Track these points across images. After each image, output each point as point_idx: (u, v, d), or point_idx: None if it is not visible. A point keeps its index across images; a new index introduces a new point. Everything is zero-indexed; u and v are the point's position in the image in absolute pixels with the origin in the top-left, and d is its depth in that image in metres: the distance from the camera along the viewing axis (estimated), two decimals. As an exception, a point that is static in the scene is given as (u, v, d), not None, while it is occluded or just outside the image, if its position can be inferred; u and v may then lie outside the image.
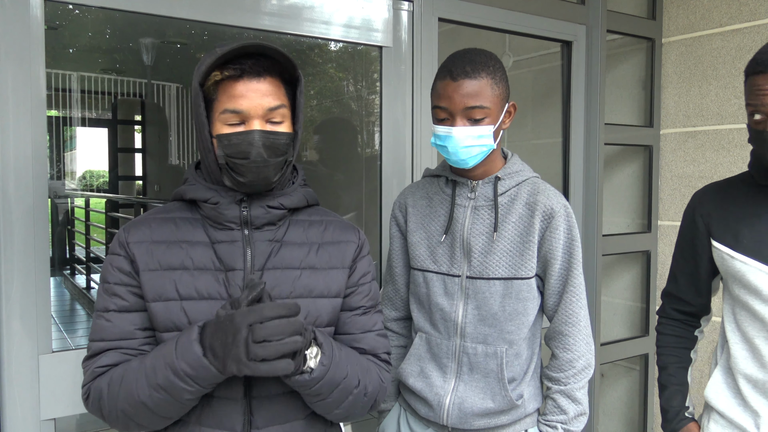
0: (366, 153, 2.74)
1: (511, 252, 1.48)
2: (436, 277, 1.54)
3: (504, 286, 1.48)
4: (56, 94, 7.86)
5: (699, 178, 2.67)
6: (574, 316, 1.51)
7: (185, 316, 1.20)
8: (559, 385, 1.52)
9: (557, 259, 1.49)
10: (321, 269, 1.29)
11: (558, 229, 1.48)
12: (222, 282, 1.22)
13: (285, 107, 1.23)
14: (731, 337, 1.51)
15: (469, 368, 1.51)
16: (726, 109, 2.58)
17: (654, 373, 2.85)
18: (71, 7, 1.82)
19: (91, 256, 7.26)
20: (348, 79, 3.31)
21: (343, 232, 1.35)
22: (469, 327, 1.50)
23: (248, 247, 1.24)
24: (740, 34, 2.53)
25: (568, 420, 1.52)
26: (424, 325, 1.57)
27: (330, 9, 1.97)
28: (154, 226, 1.26)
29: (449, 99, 1.41)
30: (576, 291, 1.51)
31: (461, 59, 1.43)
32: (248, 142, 1.18)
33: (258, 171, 1.19)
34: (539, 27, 2.43)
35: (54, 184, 8.46)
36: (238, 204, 1.24)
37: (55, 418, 1.59)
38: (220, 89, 1.20)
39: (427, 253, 1.56)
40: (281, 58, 1.20)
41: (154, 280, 1.21)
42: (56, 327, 5.81)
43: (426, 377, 1.55)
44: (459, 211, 1.53)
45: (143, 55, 6.40)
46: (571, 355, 1.52)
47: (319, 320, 1.28)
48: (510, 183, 1.52)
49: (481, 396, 1.50)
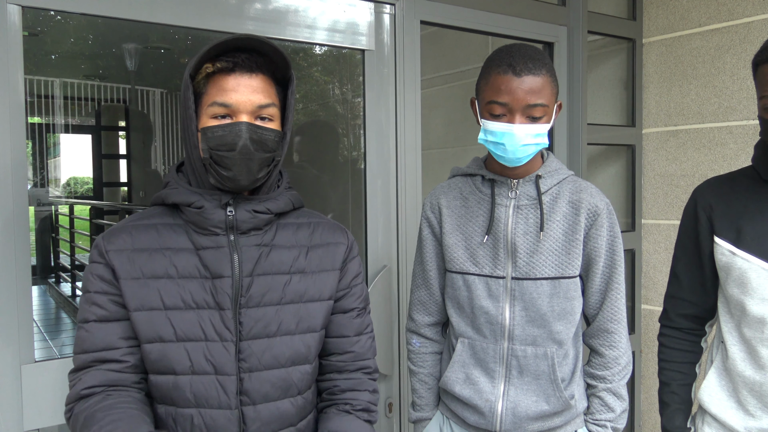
0: (351, 155, 2.74)
1: (557, 251, 1.45)
2: (478, 279, 1.48)
3: (551, 286, 1.45)
4: (39, 101, 7.77)
5: (681, 177, 2.69)
6: (619, 313, 1.50)
7: (171, 327, 1.17)
8: (606, 383, 1.51)
9: (601, 257, 1.47)
10: (311, 272, 1.27)
11: (602, 227, 1.46)
12: (209, 290, 1.19)
13: (275, 106, 1.20)
14: (728, 338, 1.45)
15: (518, 371, 1.47)
16: (706, 108, 2.61)
17: (641, 370, 2.87)
18: (52, 13, 1.80)
19: (75, 263, 7.19)
20: (333, 83, 3.31)
21: (331, 233, 1.33)
22: (517, 329, 1.45)
23: (235, 252, 1.21)
24: (719, 33, 2.56)
25: (615, 418, 1.51)
26: (465, 330, 1.51)
27: (313, 13, 1.96)
28: (135, 233, 1.22)
29: (511, 95, 1.35)
30: (620, 288, 1.50)
31: (521, 54, 1.36)
32: (235, 134, 1.14)
33: (244, 164, 1.15)
34: (521, 29, 2.44)
35: (37, 191, 8.37)
36: (223, 208, 1.20)
37: (38, 428, 1.57)
38: (210, 82, 1.17)
39: (466, 255, 1.49)
40: (276, 54, 1.18)
41: (137, 289, 1.18)
42: (41, 336, 5.74)
43: (473, 384, 1.50)
44: (500, 210, 1.47)
45: (126, 60, 6.35)
46: (617, 352, 1.51)
47: (313, 325, 1.26)
48: (551, 181, 1.48)
49: (534, 399, 1.46)
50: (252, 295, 1.21)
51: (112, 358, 1.18)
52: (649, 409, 2.86)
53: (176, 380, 1.18)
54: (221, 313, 1.19)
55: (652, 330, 2.82)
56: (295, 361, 1.24)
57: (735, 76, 2.51)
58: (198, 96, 1.19)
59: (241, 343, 1.20)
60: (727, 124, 2.54)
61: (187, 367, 1.17)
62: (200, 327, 1.18)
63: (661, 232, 2.78)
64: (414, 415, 1.65)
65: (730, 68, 2.52)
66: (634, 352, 2.86)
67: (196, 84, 1.18)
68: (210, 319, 1.19)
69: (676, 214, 2.72)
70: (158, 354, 1.18)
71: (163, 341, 1.17)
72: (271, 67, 1.20)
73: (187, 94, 1.17)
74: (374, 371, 1.35)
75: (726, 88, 2.54)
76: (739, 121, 2.50)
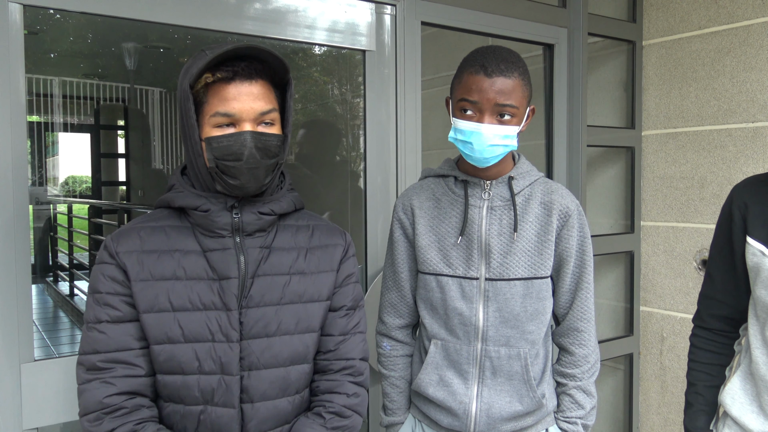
0: (351, 156, 2.75)
1: (530, 252, 1.46)
2: (451, 280, 1.48)
3: (524, 287, 1.46)
4: (38, 100, 7.77)
5: (680, 179, 2.70)
6: (588, 312, 1.53)
7: (179, 328, 1.19)
8: (576, 381, 1.53)
9: (572, 257, 1.49)
10: (310, 274, 1.29)
11: (573, 228, 1.48)
12: (216, 291, 1.21)
13: (276, 111, 1.22)
14: (753, 341, 1.42)
15: (491, 372, 1.47)
16: (706, 110, 2.61)
17: (639, 372, 2.87)
18: (52, 12, 1.81)
19: (74, 262, 7.18)
20: (332, 83, 3.31)
21: (330, 235, 1.35)
22: (491, 330, 1.46)
23: (241, 254, 1.23)
24: (719, 36, 2.56)
25: (585, 414, 1.53)
26: (438, 331, 1.51)
27: (313, 13, 1.96)
28: (144, 235, 1.23)
29: (481, 94, 1.36)
30: (589, 288, 1.52)
31: (494, 56, 1.38)
32: (241, 144, 1.16)
33: (251, 173, 1.18)
34: (521, 30, 2.44)
35: (36, 190, 8.36)
36: (229, 211, 1.22)
37: (38, 427, 1.57)
38: (210, 92, 1.18)
39: (439, 256, 1.50)
40: (274, 60, 1.19)
41: (146, 290, 1.19)
42: (39, 335, 5.73)
43: (446, 385, 1.50)
44: (473, 211, 1.48)
45: (126, 59, 6.35)
46: (586, 351, 1.53)
47: (311, 325, 1.27)
48: (524, 183, 1.50)
49: (508, 399, 1.47)
50: (252, 296, 1.23)
51: (126, 359, 1.19)
52: (647, 411, 2.87)
53: (185, 379, 1.20)
54: (228, 314, 1.21)
55: (650, 332, 2.83)
56: (293, 360, 1.26)
57: (734, 79, 2.51)
58: (198, 105, 1.20)
59: (242, 342, 1.22)
60: (727, 126, 2.54)
61: (195, 367, 1.19)
62: (207, 328, 1.20)
63: (660, 234, 2.79)
64: (386, 419, 1.65)
65: (729, 71, 2.53)
66: (633, 353, 2.86)
67: (196, 93, 1.19)
68: (217, 320, 1.20)
69: (675, 216, 2.73)
70: (167, 355, 1.19)
71: (172, 342, 1.19)
72: (269, 71, 1.22)
73: (188, 105, 1.18)
74: (359, 373, 1.34)
75: (725, 91, 2.54)
76: (739, 123, 2.50)
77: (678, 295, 2.72)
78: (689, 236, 2.67)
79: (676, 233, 2.72)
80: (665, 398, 2.79)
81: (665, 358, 2.78)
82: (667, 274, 2.76)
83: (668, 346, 2.77)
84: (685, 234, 2.69)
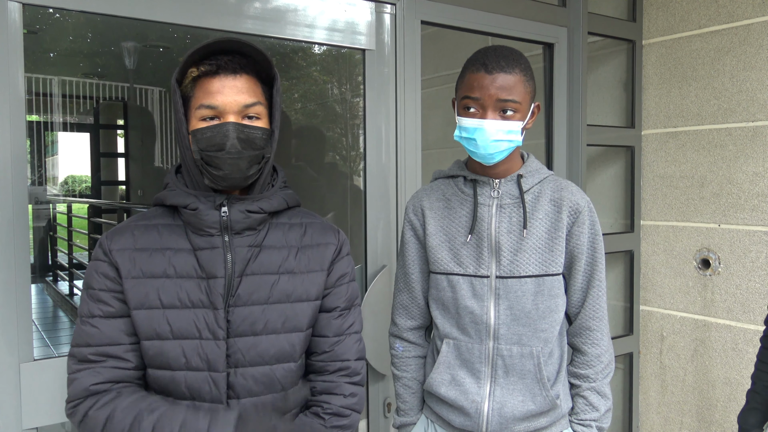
0: (350, 155, 2.74)
1: (540, 249, 1.46)
2: (462, 279, 1.48)
3: (536, 284, 1.46)
4: (37, 99, 7.76)
5: (680, 178, 2.70)
6: (600, 310, 1.52)
7: (168, 325, 1.21)
8: (590, 382, 1.52)
9: (583, 255, 1.49)
10: (300, 273, 1.29)
11: (584, 225, 1.48)
12: (204, 290, 1.22)
13: (261, 105, 1.24)
14: None
15: (504, 371, 1.47)
16: (706, 109, 2.61)
17: (639, 371, 2.87)
18: (51, 11, 1.80)
19: (73, 262, 7.17)
20: (332, 82, 3.30)
21: (322, 234, 1.35)
22: (502, 328, 1.46)
23: (228, 253, 1.24)
24: (719, 35, 2.56)
25: (600, 417, 1.52)
26: (451, 330, 1.51)
27: (313, 12, 1.96)
28: (137, 233, 1.26)
29: (483, 90, 1.38)
30: (601, 286, 1.52)
31: (495, 54, 1.41)
32: (223, 134, 1.18)
33: (233, 163, 1.19)
34: (521, 29, 2.44)
35: (35, 189, 8.35)
36: (217, 209, 1.24)
37: (37, 427, 1.57)
38: (196, 86, 1.21)
39: (449, 255, 1.50)
40: (257, 55, 1.21)
41: (137, 287, 1.22)
42: (38, 334, 5.73)
43: (459, 385, 1.49)
44: (483, 210, 1.49)
45: (125, 58, 6.34)
46: (599, 350, 1.52)
47: (299, 324, 1.28)
48: (533, 180, 1.50)
49: (520, 398, 1.46)
50: (240, 294, 1.25)
51: (116, 353, 1.21)
52: (647, 410, 2.87)
53: (172, 375, 1.23)
54: (215, 313, 1.23)
55: (650, 331, 2.83)
56: (279, 358, 1.27)
57: (734, 78, 2.51)
58: (186, 99, 1.23)
59: (228, 340, 1.24)
60: (727, 125, 2.54)
61: (182, 363, 1.22)
62: (195, 325, 1.22)
63: (659, 234, 2.79)
64: (398, 420, 1.65)
65: (729, 70, 2.53)
66: (633, 352, 2.86)
67: (184, 88, 1.23)
68: (204, 318, 1.22)
69: (674, 216, 2.73)
70: (156, 350, 1.22)
71: (161, 338, 1.21)
72: (255, 67, 1.24)
73: (176, 99, 1.22)
74: (356, 373, 1.35)
75: (725, 90, 2.54)
76: (739, 123, 2.50)
77: (678, 294, 2.72)
78: (689, 235, 2.67)
79: (676, 232, 2.72)
80: (665, 397, 2.79)
81: (665, 357, 2.78)
82: (667, 274, 2.76)
83: (668, 345, 2.77)
84: (685, 233, 2.69)
